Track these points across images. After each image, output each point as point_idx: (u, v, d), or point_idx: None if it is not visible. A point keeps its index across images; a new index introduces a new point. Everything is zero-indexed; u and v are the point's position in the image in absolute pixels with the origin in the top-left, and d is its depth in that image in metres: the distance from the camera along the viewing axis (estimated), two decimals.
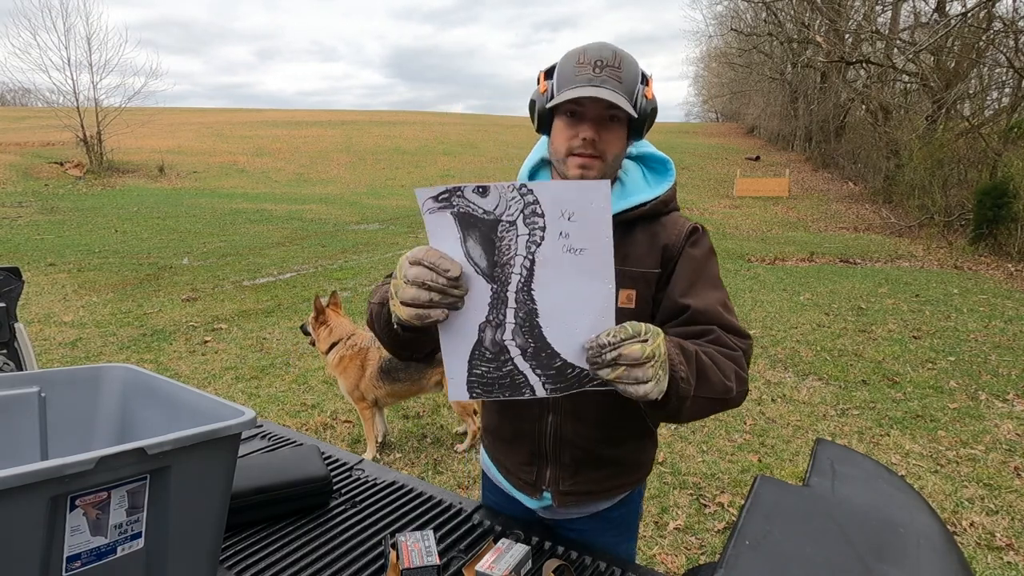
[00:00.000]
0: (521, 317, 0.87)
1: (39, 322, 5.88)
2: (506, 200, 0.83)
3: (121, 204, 15.83)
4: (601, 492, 1.24)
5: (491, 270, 0.86)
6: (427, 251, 0.86)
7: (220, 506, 0.86)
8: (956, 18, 13.77)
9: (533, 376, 0.89)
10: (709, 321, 1.07)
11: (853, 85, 23.50)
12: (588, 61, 1.04)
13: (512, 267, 0.85)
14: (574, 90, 1.02)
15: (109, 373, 1.06)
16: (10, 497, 0.63)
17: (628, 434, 1.23)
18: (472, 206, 0.83)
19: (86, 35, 24.62)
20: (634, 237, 1.15)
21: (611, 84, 1.02)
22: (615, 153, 1.09)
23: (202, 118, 38.09)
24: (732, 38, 31.49)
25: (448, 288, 0.84)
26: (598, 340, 0.82)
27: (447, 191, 0.83)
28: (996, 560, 2.63)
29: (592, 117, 1.05)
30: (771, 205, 18.50)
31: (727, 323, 1.08)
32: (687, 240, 1.14)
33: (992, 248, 11.29)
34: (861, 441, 3.77)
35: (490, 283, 0.86)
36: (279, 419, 3.94)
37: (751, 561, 0.70)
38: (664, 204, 1.17)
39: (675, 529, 2.82)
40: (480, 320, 0.88)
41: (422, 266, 0.85)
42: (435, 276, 0.84)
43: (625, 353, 0.81)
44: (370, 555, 1.12)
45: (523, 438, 1.23)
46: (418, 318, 0.86)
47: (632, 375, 0.81)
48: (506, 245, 0.84)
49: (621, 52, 1.06)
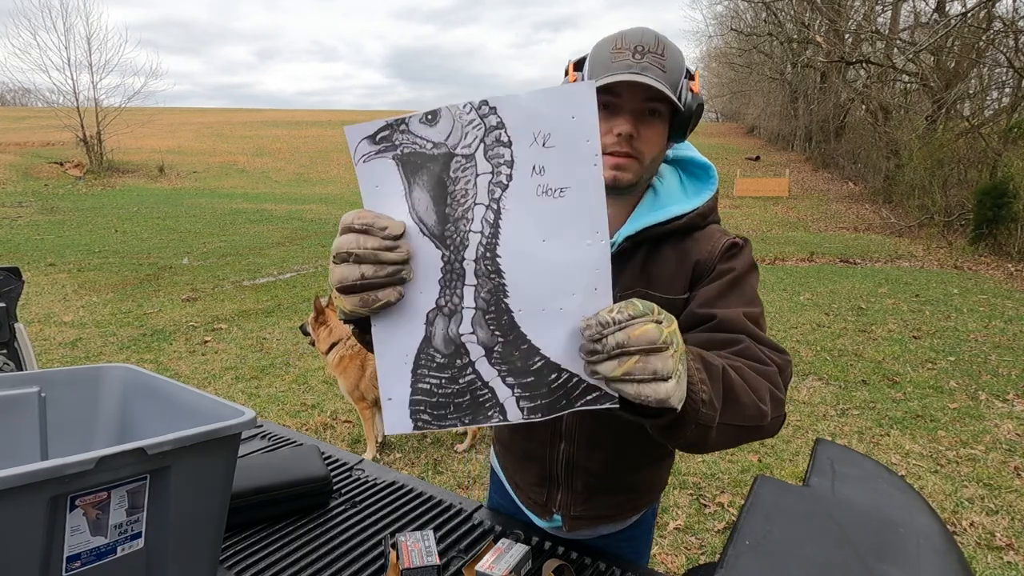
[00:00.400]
0: (483, 298, 0.65)
1: (39, 322, 5.88)
2: (462, 126, 0.63)
3: (121, 204, 15.84)
4: (614, 516, 1.18)
5: (441, 228, 0.64)
6: (359, 212, 0.67)
7: (220, 506, 0.86)
8: (956, 18, 13.78)
9: (503, 388, 0.67)
10: (737, 331, 0.88)
11: (853, 85, 23.50)
12: (627, 46, 0.90)
13: (469, 222, 0.63)
14: (611, 76, 0.88)
15: (109, 373, 1.06)
16: (10, 497, 0.63)
17: (647, 459, 1.13)
18: (419, 142, 0.64)
19: (86, 35, 24.70)
20: (661, 255, 0.99)
21: (653, 72, 0.89)
22: (654, 154, 0.95)
23: (202, 118, 38.09)
24: (732, 38, 31.48)
25: (381, 252, 0.64)
26: (599, 317, 0.61)
27: (388, 125, 0.64)
28: (996, 560, 2.63)
29: (630, 109, 0.91)
30: (771, 205, 18.50)
31: (759, 335, 0.89)
32: (723, 256, 0.97)
33: (992, 248, 11.29)
34: (861, 441, 3.77)
35: (441, 248, 0.64)
36: (279, 419, 3.94)
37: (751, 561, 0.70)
38: (702, 217, 1.00)
39: (675, 529, 2.82)
40: (428, 306, 0.66)
41: (352, 231, 0.66)
42: (365, 239, 0.64)
43: (637, 334, 0.60)
44: (370, 555, 1.12)
45: (533, 459, 1.16)
46: (362, 304, 0.66)
47: (648, 367, 0.60)
48: (461, 190, 0.63)
49: (665, 39, 0.92)
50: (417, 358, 0.67)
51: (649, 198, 1.01)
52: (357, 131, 0.64)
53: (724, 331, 0.88)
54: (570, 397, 0.66)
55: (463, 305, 0.65)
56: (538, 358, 0.66)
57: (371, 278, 0.64)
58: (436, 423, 0.68)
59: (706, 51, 37.10)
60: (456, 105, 0.62)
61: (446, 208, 0.64)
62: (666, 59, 0.90)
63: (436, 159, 0.64)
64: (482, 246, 0.64)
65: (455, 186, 0.63)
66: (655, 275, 0.98)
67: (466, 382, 0.67)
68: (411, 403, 0.67)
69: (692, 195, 1.03)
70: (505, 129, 0.62)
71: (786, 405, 0.87)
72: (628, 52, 0.90)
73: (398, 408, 0.68)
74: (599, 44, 0.94)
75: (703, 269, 0.97)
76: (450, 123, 0.63)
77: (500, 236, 0.63)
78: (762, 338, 0.89)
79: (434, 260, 0.65)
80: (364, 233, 0.65)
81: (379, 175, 0.65)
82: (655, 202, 1.01)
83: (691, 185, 1.05)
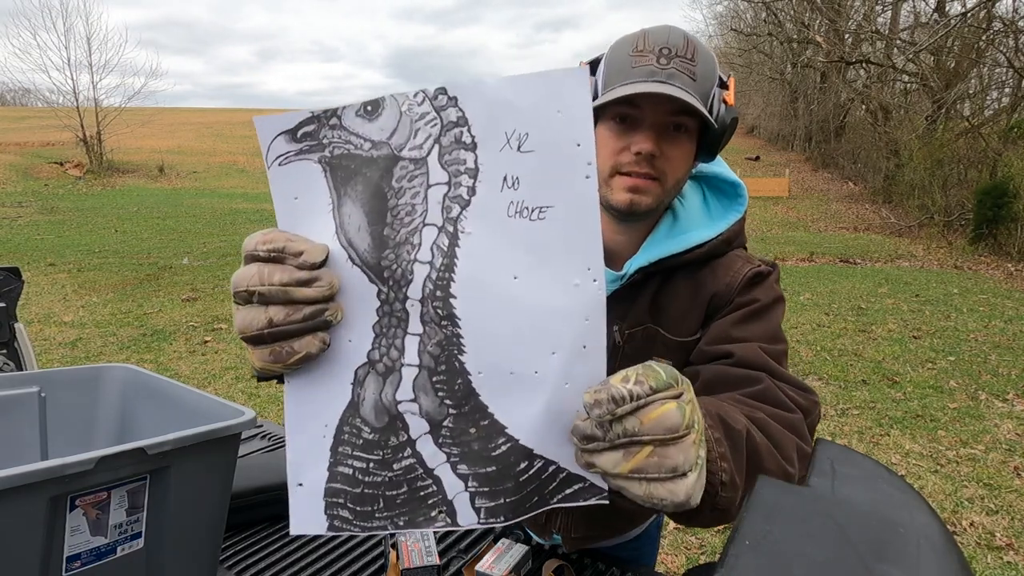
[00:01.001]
0: (431, 352, 0.48)
1: (39, 322, 5.88)
2: (411, 120, 0.47)
3: (121, 204, 15.83)
4: (615, 534, 1.15)
5: (378, 256, 0.47)
6: (264, 233, 0.50)
7: (220, 506, 0.86)
8: (956, 18, 13.78)
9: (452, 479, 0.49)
10: (754, 367, 0.75)
11: (853, 85, 23.50)
12: (650, 48, 0.76)
13: (415, 248, 0.47)
14: (629, 85, 0.75)
15: (109, 373, 1.06)
16: (10, 497, 0.63)
17: None
18: (355, 140, 0.48)
19: (86, 35, 24.66)
20: (673, 287, 0.86)
21: (681, 80, 0.75)
22: (678, 175, 0.81)
23: (202, 118, 38.10)
24: (732, 38, 31.49)
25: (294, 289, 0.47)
26: (611, 390, 0.44)
27: (313, 118, 0.48)
28: (996, 560, 2.63)
29: (651, 123, 0.77)
30: (771, 205, 18.50)
31: (780, 373, 0.75)
32: (743, 287, 0.84)
33: (992, 248, 11.29)
34: (861, 441, 3.77)
35: (376, 283, 0.48)
36: (279, 419, 3.94)
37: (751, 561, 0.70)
38: (726, 244, 0.86)
39: (675, 529, 2.81)
40: (357, 360, 0.49)
41: (256, 260, 0.49)
42: (272, 272, 0.47)
43: (654, 418, 0.44)
44: (370, 555, 1.12)
45: None
46: (274, 358, 0.49)
47: (666, 462, 0.45)
48: (406, 205, 0.47)
49: (695, 39, 0.78)
50: (339, 431, 0.49)
51: (667, 222, 0.88)
52: (270, 124, 0.48)
53: (740, 367, 0.75)
54: (544, 492, 0.50)
55: (403, 361, 0.48)
56: (503, 439, 0.49)
57: (283, 323, 0.47)
58: (358, 523, 0.50)
59: None
60: (405, 94, 0.47)
61: (384, 228, 0.47)
62: (696, 64, 0.76)
63: (375, 163, 0.48)
64: (431, 282, 0.47)
65: (398, 199, 0.47)
66: (666, 310, 0.85)
67: (402, 468, 0.49)
68: (326, 492, 0.49)
69: (716, 217, 0.89)
70: (468, 127, 0.46)
71: None
72: (652, 56, 0.76)
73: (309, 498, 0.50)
74: (617, 44, 0.81)
75: (719, 303, 0.84)
76: (395, 117, 0.47)
77: (456, 270, 0.46)
78: (784, 376, 0.76)
79: (368, 298, 0.48)
80: (273, 262, 0.48)
81: (298, 183, 0.49)
82: (674, 227, 0.87)
83: (716, 205, 0.91)
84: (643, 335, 0.86)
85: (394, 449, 0.49)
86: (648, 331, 0.85)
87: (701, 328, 0.85)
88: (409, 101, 0.47)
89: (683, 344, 0.85)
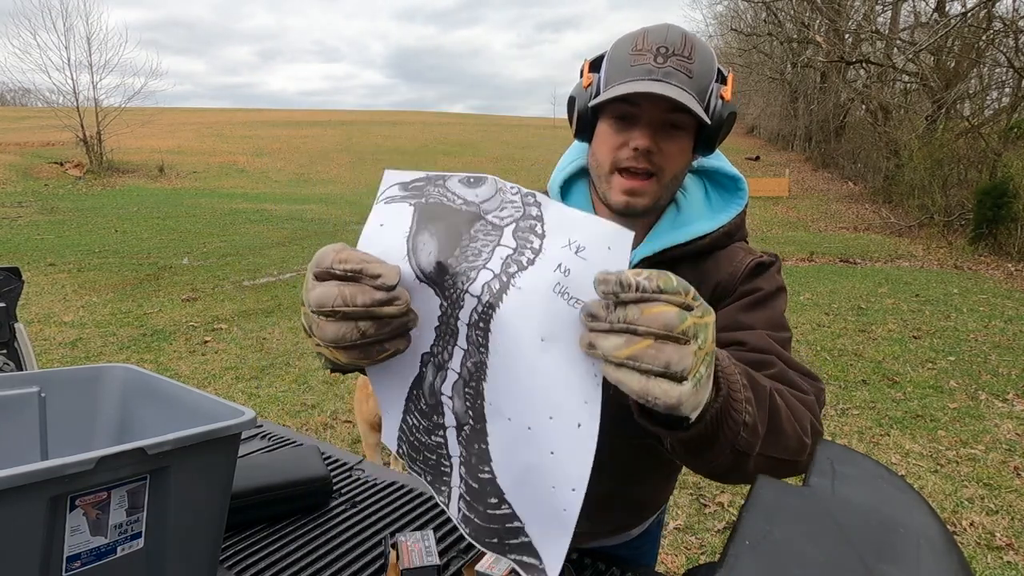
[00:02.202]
0: (468, 368, 0.57)
1: (39, 322, 5.88)
2: (502, 198, 0.59)
3: (121, 204, 15.84)
4: (617, 531, 1.15)
5: (441, 276, 0.56)
6: (337, 252, 0.55)
7: (220, 506, 0.86)
8: (956, 18, 13.78)
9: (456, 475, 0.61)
10: (767, 352, 0.79)
11: (853, 85, 23.50)
12: (648, 47, 0.79)
13: (470, 281, 0.55)
14: (627, 84, 0.78)
15: (109, 373, 1.06)
16: (10, 497, 0.63)
17: (653, 476, 1.07)
18: (450, 196, 0.59)
19: (86, 35, 24.63)
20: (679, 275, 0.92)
21: (678, 78, 0.78)
22: (676, 171, 0.85)
23: (202, 118, 38.11)
24: (732, 38, 31.50)
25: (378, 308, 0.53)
26: (622, 275, 0.49)
27: (425, 177, 0.61)
28: (996, 560, 2.63)
29: (648, 121, 0.81)
30: (771, 205, 18.50)
31: (789, 359, 0.80)
32: (746, 276, 0.88)
33: (992, 248, 11.29)
34: (861, 441, 3.77)
35: (439, 297, 0.57)
36: (279, 419, 3.94)
37: (751, 561, 0.70)
38: (727, 236, 0.91)
39: (675, 529, 2.82)
40: (423, 348, 0.60)
41: (334, 278, 0.54)
42: (354, 294, 0.52)
43: (653, 312, 0.47)
44: (370, 555, 1.12)
45: None
46: (364, 356, 0.56)
47: (661, 356, 0.48)
48: (475, 249, 0.56)
49: (693, 37, 0.81)
50: (409, 393, 0.62)
51: (671, 214, 0.92)
52: (395, 176, 0.62)
53: (753, 352, 0.78)
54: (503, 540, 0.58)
55: (450, 364, 0.58)
56: (487, 469, 0.57)
57: (374, 335, 0.54)
58: (408, 461, 0.65)
59: None
60: (503, 182, 0.59)
61: (449, 258, 0.55)
62: (694, 62, 0.79)
63: (460, 214, 0.58)
64: (476, 313, 0.55)
65: (470, 243, 0.56)
66: None
67: (435, 443, 0.61)
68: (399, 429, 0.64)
69: (718, 210, 0.93)
70: (543, 223, 0.57)
71: None
72: (649, 54, 0.79)
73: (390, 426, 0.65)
74: (618, 43, 0.84)
75: (723, 292, 0.88)
76: (492, 191, 0.59)
77: (499, 308, 0.54)
78: (793, 363, 0.81)
79: (432, 306, 0.57)
80: (352, 282, 0.53)
81: (390, 216, 0.59)
82: (677, 219, 0.91)
83: (718, 198, 0.95)
84: None
85: (435, 425, 0.61)
86: None
87: None
88: (505, 185, 0.59)
89: None
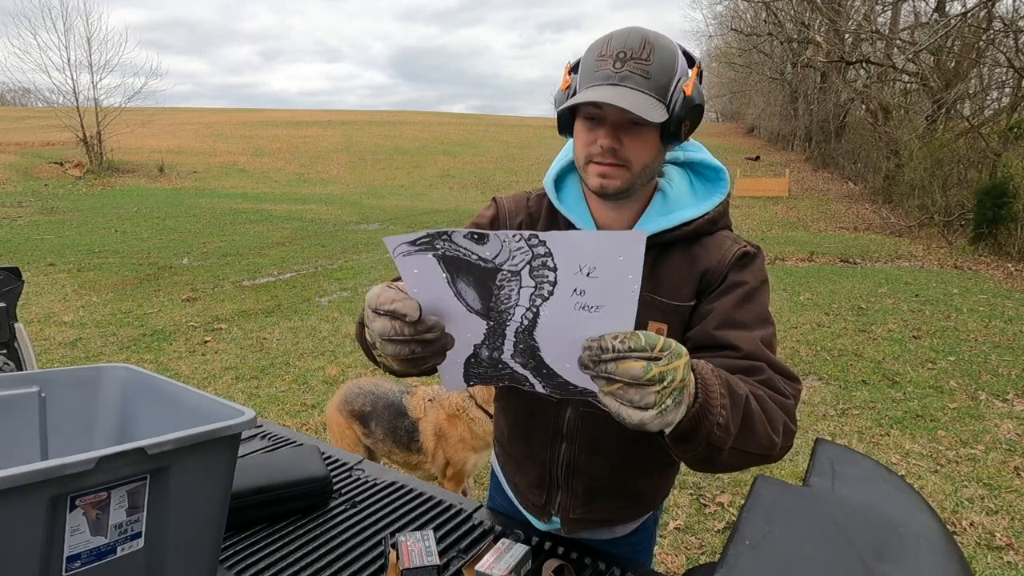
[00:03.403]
0: (521, 348, 0.76)
1: (39, 322, 5.88)
2: (510, 249, 0.67)
3: (121, 204, 15.84)
4: (615, 520, 1.17)
5: (487, 312, 0.73)
6: (377, 295, 0.72)
7: (220, 506, 0.86)
8: (956, 18, 13.78)
9: (533, 379, 0.81)
10: (758, 359, 0.90)
11: (853, 85, 23.50)
12: (610, 53, 0.88)
13: (511, 315, 0.72)
14: (588, 91, 0.88)
15: (109, 373, 1.06)
16: (10, 497, 0.63)
17: (650, 465, 1.12)
18: (462, 251, 0.68)
19: (86, 35, 24.62)
20: (670, 261, 0.99)
21: (634, 81, 0.86)
22: (644, 161, 0.93)
23: (202, 118, 38.11)
24: (732, 38, 31.49)
25: (420, 337, 0.70)
26: (602, 341, 0.65)
27: (428, 236, 0.68)
28: (996, 560, 2.63)
29: (612, 122, 0.90)
30: (771, 205, 18.50)
31: (776, 364, 0.91)
32: (734, 265, 0.97)
33: (992, 248, 11.29)
34: (861, 441, 3.77)
35: (486, 320, 0.74)
36: (279, 419, 3.94)
37: (751, 561, 0.70)
38: (712, 223, 1.00)
39: (675, 529, 2.82)
40: (476, 342, 0.77)
41: (383, 316, 0.71)
42: (400, 327, 0.70)
43: (623, 368, 0.64)
44: (370, 555, 1.12)
45: (534, 462, 1.15)
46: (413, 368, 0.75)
47: (627, 395, 0.65)
48: (506, 295, 0.70)
49: (654, 38, 0.88)
50: (467, 362, 0.80)
51: (658, 202, 1.00)
52: (396, 240, 0.68)
53: (746, 359, 0.89)
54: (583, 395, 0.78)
55: (503, 347, 0.76)
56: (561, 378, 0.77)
57: (420, 353, 0.72)
58: (482, 383, 0.84)
59: (706, 51, 37.09)
60: (506, 233, 0.66)
61: (491, 302, 0.71)
62: (651, 63, 0.87)
63: (481, 269, 0.68)
64: (521, 328, 0.73)
65: (499, 292, 0.70)
66: (663, 280, 0.98)
67: (506, 374, 0.81)
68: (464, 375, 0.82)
69: (702, 198, 1.02)
70: (552, 257, 0.65)
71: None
72: (610, 60, 0.88)
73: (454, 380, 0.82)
74: (589, 48, 0.93)
75: (712, 278, 0.97)
76: (499, 246, 0.66)
77: (537, 326, 0.72)
78: (778, 366, 0.91)
79: (480, 324, 0.74)
80: (394, 318, 0.70)
81: (416, 263, 0.69)
82: (664, 206, 1.00)
83: (702, 188, 1.03)
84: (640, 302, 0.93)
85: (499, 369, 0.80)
86: (644, 299, 0.95)
87: (695, 298, 0.98)
88: (508, 238, 0.66)
89: (677, 308, 0.98)
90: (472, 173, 24.55)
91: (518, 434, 1.17)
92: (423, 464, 2.65)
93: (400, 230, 12.90)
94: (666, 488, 1.20)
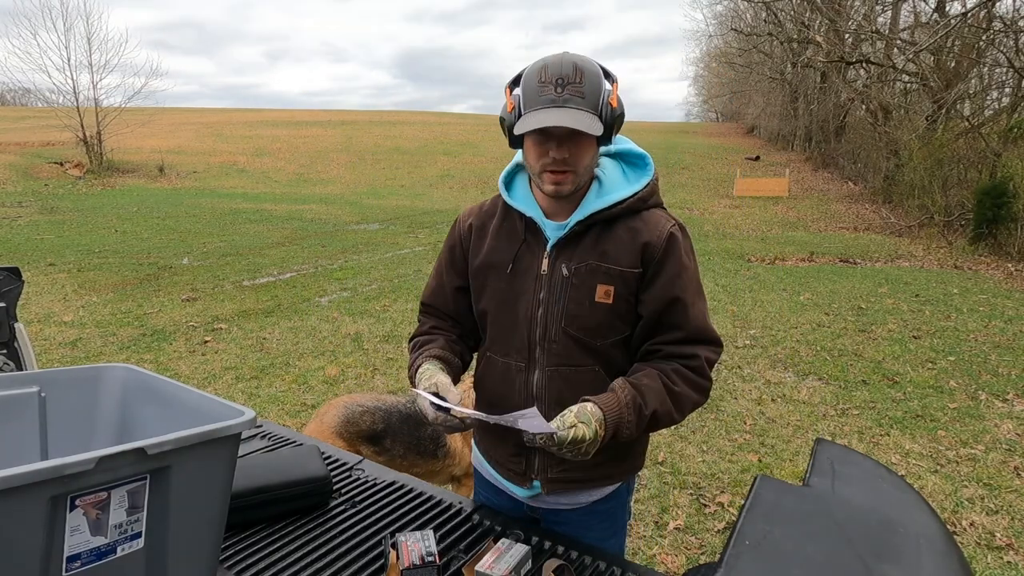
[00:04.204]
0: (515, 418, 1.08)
1: (39, 322, 5.88)
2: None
3: (121, 204, 15.83)
4: (590, 481, 1.26)
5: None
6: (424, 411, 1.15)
7: (220, 506, 0.86)
8: (956, 18, 13.77)
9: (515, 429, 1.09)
10: (697, 337, 1.17)
11: (853, 85, 23.49)
12: (549, 79, 1.07)
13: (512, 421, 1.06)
14: (538, 114, 1.06)
15: (109, 373, 1.06)
16: (10, 497, 0.63)
17: None
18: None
19: (86, 35, 24.55)
20: (614, 233, 1.19)
21: (575, 102, 1.06)
22: (586, 163, 1.14)
23: (202, 118, 38.11)
24: (732, 38, 31.48)
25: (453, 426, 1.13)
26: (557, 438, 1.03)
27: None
28: (996, 560, 2.63)
29: (559, 137, 1.09)
30: (771, 205, 18.49)
31: (710, 337, 1.19)
32: (669, 243, 1.18)
33: (992, 248, 11.29)
34: (861, 441, 3.77)
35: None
36: (279, 419, 3.94)
37: (751, 561, 0.70)
38: (643, 200, 1.21)
39: (675, 529, 2.82)
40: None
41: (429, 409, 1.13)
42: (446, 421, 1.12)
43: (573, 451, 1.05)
44: (370, 555, 1.12)
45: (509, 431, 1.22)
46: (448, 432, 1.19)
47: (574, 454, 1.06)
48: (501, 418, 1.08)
49: (583, 64, 1.08)
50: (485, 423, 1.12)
51: (595, 188, 1.20)
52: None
53: (687, 343, 1.17)
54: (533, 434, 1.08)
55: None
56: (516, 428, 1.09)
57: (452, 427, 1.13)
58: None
59: (706, 51, 37.08)
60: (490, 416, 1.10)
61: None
62: (584, 86, 1.07)
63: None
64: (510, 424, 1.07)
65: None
66: (608, 251, 1.18)
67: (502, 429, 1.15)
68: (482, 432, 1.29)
69: (633, 181, 1.22)
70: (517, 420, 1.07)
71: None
72: (551, 85, 1.06)
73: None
74: (528, 72, 1.11)
75: (653, 252, 1.17)
76: None
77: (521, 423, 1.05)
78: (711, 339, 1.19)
79: None
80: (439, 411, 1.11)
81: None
82: (600, 191, 1.20)
83: (632, 173, 1.24)
84: (587, 269, 1.19)
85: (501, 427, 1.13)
86: (591, 266, 1.19)
87: (640, 266, 1.18)
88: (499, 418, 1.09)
89: (622, 273, 1.18)
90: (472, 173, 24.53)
91: (495, 404, 1.27)
92: (447, 468, 2.57)
93: (400, 230, 12.90)
94: (638, 452, 1.33)
